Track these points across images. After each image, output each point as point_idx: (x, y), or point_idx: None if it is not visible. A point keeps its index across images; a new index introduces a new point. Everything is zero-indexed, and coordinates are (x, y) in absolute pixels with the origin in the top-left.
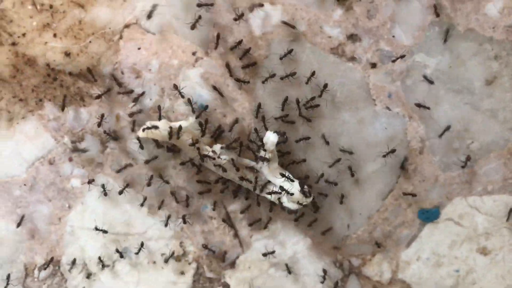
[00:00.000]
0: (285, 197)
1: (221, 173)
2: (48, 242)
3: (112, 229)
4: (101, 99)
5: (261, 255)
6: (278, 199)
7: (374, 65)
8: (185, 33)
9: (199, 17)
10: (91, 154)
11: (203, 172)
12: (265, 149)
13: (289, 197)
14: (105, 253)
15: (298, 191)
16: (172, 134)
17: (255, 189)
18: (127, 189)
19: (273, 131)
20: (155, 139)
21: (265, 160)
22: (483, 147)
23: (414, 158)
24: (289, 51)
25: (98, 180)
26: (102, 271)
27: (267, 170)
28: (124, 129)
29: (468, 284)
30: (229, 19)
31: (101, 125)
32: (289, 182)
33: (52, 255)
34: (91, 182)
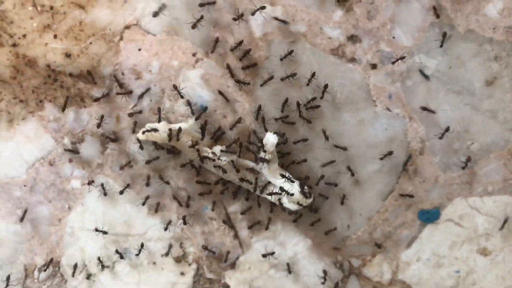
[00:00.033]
0: (285, 198)
1: (221, 174)
2: (48, 243)
3: (112, 230)
4: (99, 102)
5: (261, 256)
6: (278, 200)
7: (374, 66)
8: (185, 34)
9: (201, 17)
10: (91, 155)
11: (203, 173)
12: (265, 150)
13: (289, 198)
14: (105, 254)
15: (298, 192)
16: (171, 136)
17: (255, 190)
18: (127, 190)
19: (273, 132)
20: (155, 141)
21: (265, 161)
22: (483, 148)
23: (414, 159)
24: (290, 52)
25: (98, 181)
26: (102, 272)
27: (267, 171)
28: (124, 130)
29: (468, 285)
30: (229, 20)
31: (100, 126)
32: (289, 183)
33: (52, 256)
34: (91, 183)
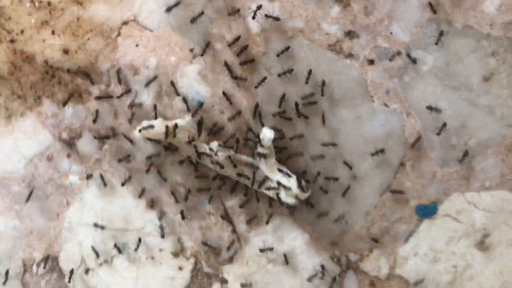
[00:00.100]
0: (283, 193)
1: (219, 170)
2: (46, 238)
3: (110, 225)
4: (100, 100)
5: (259, 251)
6: (276, 195)
7: (371, 62)
8: (182, 30)
9: (201, 13)
10: (89, 150)
11: (200, 169)
12: (262, 145)
13: (287, 192)
14: (103, 249)
15: (295, 186)
16: (168, 132)
17: (253, 185)
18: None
19: (269, 127)
20: (152, 138)
21: (262, 156)
22: (481, 144)
23: (411, 154)
24: (286, 48)
25: (96, 176)
26: (100, 266)
27: (265, 166)
28: (121, 126)
29: (465, 280)
30: (228, 16)
31: (96, 121)
32: (286, 177)
33: (50, 251)
34: (89, 177)
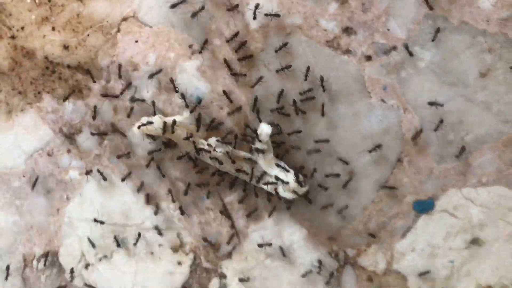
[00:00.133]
0: (281, 187)
1: (217, 165)
2: (46, 233)
3: (110, 220)
4: (106, 98)
5: (257, 246)
6: (274, 190)
7: (369, 58)
8: (181, 26)
9: (202, 7)
10: (89, 146)
11: (199, 165)
12: (260, 140)
13: (285, 186)
14: (103, 243)
15: (293, 181)
16: (166, 129)
17: (252, 180)
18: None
19: (267, 122)
20: (150, 134)
21: (260, 151)
22: (478, 139)
23: (409, 150)
24: (284, 44)
25: (96, 171)
26: (100, 261)
27: (263, 161)
28: (121, 122)
29: (462, 275)
30: (226, 12)
31: (95, 117)
32: (284, 172)
33: (50, 246)
34: (89, 173)
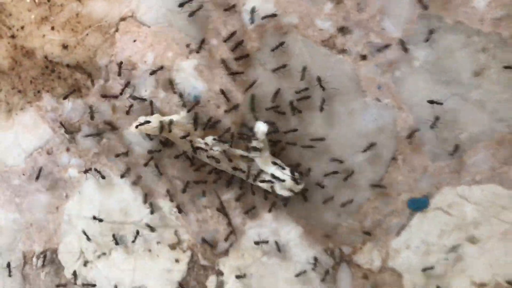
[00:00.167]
0: (278, 185)
1: (214, 164)
2: (46, 230)
3: (108, 217)
4: (106, 98)
5: (254, 243)
6: (271, 187)
7: (364, 57)
8: (179, 25)
9: (200, 7)
10: (88, 144)
11: (196, 164)
12: (256, 139)
13: (281, 184)
14: (102, 241)
15: (289, 179)
16: (162, 128)
17: (248, 178)
18: (125, 176)
19: (263, 121)
20: (148, 133)
21: (256, 149)
22: (472, 138)
23: (403, 148)
24: (281, 43)
25: (93, 170)
26: (98, 259)
27: (259, 159)
28: (120, 120)
29: (457, 272)
30: (223, 12)
31: (93, 117)
32: (280, 170)
33: (49, 244)
34: (87, 171)
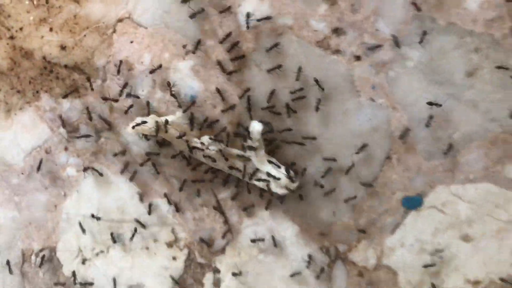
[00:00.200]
0: (273, 183)
1: (211, 163)
2: (44, 229)
3: (106, 216)
4: (106, 101)
5: (250, 241)
6: (267, 185)
7: (358, 58)
8: (175, 27)
9: (202, 10)
10: (86, 144)
11: (193, 163)
12: (251, 138)
13: (276, 182)
14: (100, 239)
15: (284, 177)
16: (158, 128)
17: (244, 177)
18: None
19: (258, 120)
20: (145, 134)
21: (252, 148)
22: (465, 137)
23: (397, 148)
24: (275, 44)
25: (90, 170)
26: (96, 256)
27: (255, 158)
28: (117, 120)
29: (451, 270)
30: (219, 13)
31: (91, 118)
32: (275, 168)
33: (48, 242)
34: (86, 170)
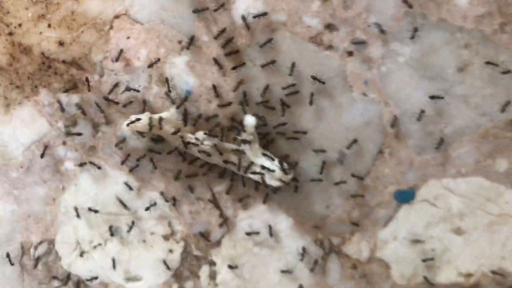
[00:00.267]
0: (267, 176)
1: (206, 158)
2: (43, 222)
3: (104, 209)
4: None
5: (245, 234)
6: (261, 178)
7: (350, 54)
8: (171, 23)
9: (206, 8)
10: (84, 138)
11: (188, 159)
12: (245, 132)
13: (271, 175)
14: (97, 232)
15: (278, 169)
16: (152, 125)
17: (239, 170)
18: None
19: (252, 114)
20: (139, 131)
21: (246, 142)
22: (457, 132)
23: (390, 142)
24: (269, 39)
25: (88, 164)
26: (94, 249)
27: (249, 151)
28: (114, 114)
29: (443, 262)
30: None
31: (86, 113)
32: (270, 161)
33: (46, 235)
34: (83, 164)
